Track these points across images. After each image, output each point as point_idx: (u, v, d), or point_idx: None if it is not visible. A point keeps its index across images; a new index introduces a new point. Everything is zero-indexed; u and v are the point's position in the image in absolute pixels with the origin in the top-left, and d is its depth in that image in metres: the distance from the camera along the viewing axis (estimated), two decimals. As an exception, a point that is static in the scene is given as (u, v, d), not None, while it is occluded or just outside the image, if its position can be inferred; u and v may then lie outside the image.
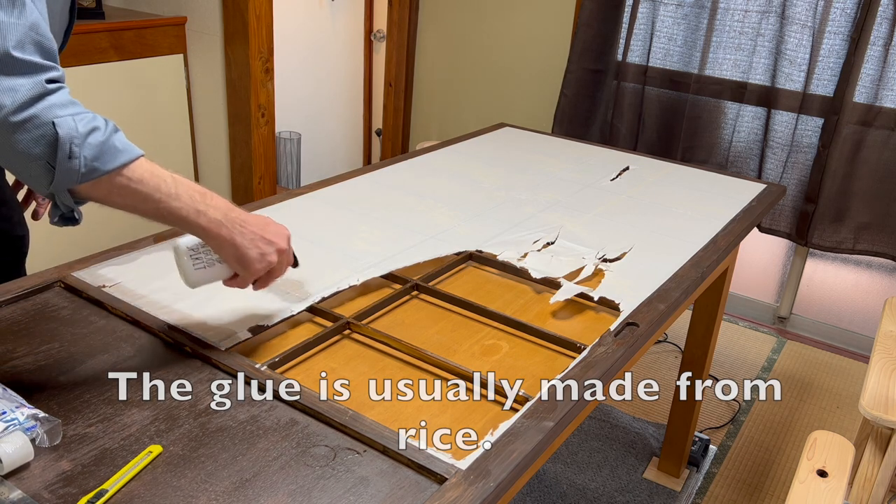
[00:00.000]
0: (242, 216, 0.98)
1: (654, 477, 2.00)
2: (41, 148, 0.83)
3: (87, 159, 0.85)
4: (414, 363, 1.03)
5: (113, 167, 0.87)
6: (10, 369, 0.94)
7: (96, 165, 0.86)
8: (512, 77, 3.11)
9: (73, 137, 0.83)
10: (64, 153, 0.83)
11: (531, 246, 1.39)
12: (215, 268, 1.01)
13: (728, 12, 2.55)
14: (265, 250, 0.99)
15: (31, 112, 0.82)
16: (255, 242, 0.98)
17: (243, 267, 0.99)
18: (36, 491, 0.76)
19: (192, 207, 0.93)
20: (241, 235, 0.97)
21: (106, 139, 0.87)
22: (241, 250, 0.97)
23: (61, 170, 0.84)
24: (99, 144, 0.86)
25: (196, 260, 1.00)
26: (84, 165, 0.85)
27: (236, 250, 0.97)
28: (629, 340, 1.09)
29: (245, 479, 0.80)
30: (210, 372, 0.97)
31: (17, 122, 0.81)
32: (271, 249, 1.00)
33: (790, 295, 2.83)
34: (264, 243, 0.99)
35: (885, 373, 1.63)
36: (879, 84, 2.37)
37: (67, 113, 0.84)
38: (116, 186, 0.88)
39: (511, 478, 0.83)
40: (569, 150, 1.99)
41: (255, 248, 0.98)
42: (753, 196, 1.72)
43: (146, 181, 0.89)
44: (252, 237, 0.98)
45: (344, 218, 1.45)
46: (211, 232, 0.95)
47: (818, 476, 1.10)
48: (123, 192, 0.89)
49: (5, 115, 0.81)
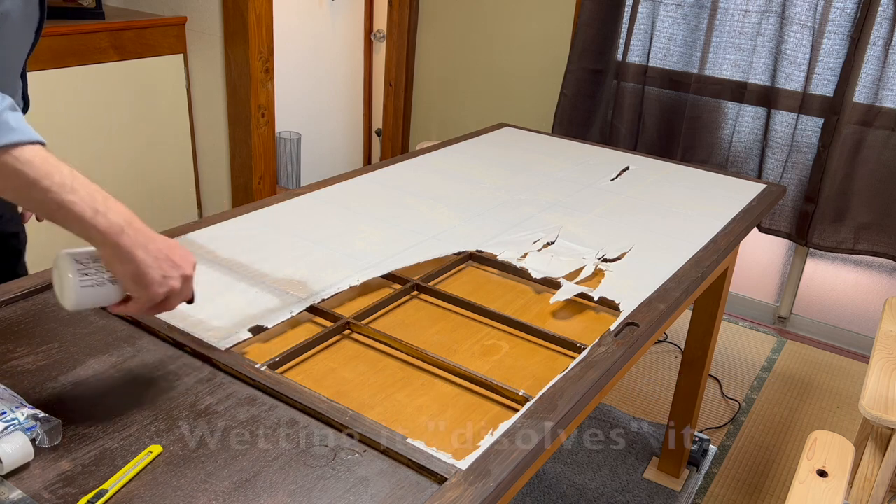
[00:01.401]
0: (147, 230, 0.86)
1: (654, 477, 2.00)
2: None
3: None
4: (414, 363, 1.03)
5: (4, 143, 0.77)
6: (10, 369, 0.94)
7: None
8: (512, 77, 3.11)
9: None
10: None
11: (531, 246, 1.39)
12: (105, 287, 0.86)
13: (728, 12, 2.55)
14: (169, 273, 0.86)
15: None
16: (159, 262, 0.85)
17: (141, 287, 0.85)
18: (36, 491, 0.76)
19: (90, 205, 0.81)
20: (143, 249, 0.84)
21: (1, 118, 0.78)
22: (142, 267, 0.84)
23: None
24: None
25: (84, 275, 0.84)
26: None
27: (136, 266, 0.83)
28: (629, 340, 1.09)
29: (245, 479, 0.80)
30: (210, 372, 0.97)
31: None
32: (176, 274, 0.87)
33: (790, 295, 2.83)
34: (169, 265, 0.86)
35: (885, 373, 1.63)
36: (879, 84, 2.37)
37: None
38: (5, 169, 0.78)
39: (511, 478, 0.83)
40: (569, 150, 1.99)
41: (159, 268, 0.85)
42: (753, 196, 1.72)
43: (36, 165, 0.79)
44: (157, 255, 0.85)
45: (344, 218, 1.45)
46: (109, 238, 0.82)
47: (818, 476, 1.10)
48: (7, 174, 0.78)
49: None
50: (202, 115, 3.03)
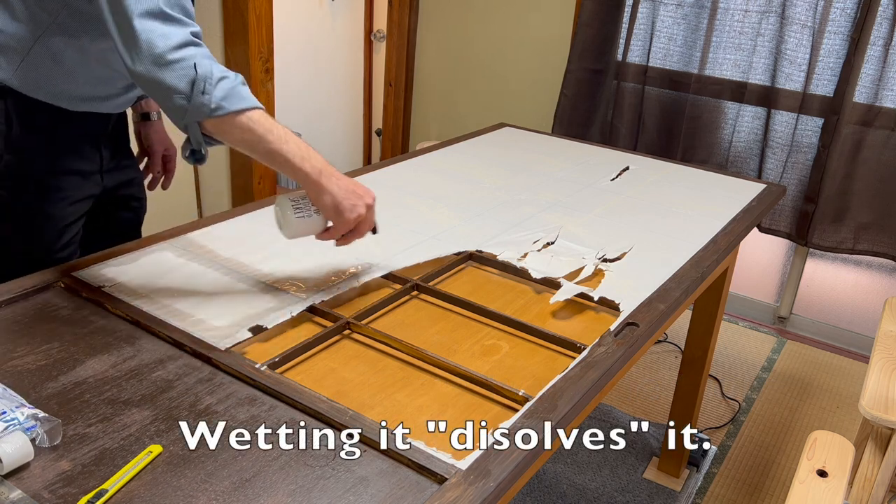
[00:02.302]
0: (337, 173, 1.12)
1: (654, 477, 2.00)
2: (183, 84, 1.02)
3: (217, 98, 1.03)
4: (414, 363, 1.03)
5: (236, 108, 1.04)
6: (10, 369, 0.94)
7: (223, 104, 1.03)
8: (512, 77, 3.11)
9: (207, 78, 1.02)
10: (199, 89, 1.02)
11: (531, 246, 1.39)
12: (312, 219, 1.12)
13: (728, 12, 2.55)
14: (356, 202, 1.12)
15: (179, 55, 1.02)
16: (348, 194, 1.11)
17: (337, 214, 1.11)
18: (36, 491, 0.76)
19: (299, 154, 1.08)
20: (336, 186, 1.10)
21: (233, 86, 1.05)
22: (337, 199, 1.10)
23: (195, 103, 1.03)
24: (228, 88, 1.04)
25: (297, 209, 1.12)
26: (214, 102, 1.03)
27: (333, 198, 1.10)
28: (629, 340, 1.09)
29: (245, 478, 0.80)
30: (210, 372, 0.97)
31: (167, 60, 1.02)
32: (361, 203, 1.12)
33: (790, 295, 2.83)
34: (356, 196, 1.12)
35: (885, 373, 1.63)
36: (879, 84, 2.37)
37: (207, 61, 1.03)
38: (238, 125, 1.05)
39: (511, 478, 0.83)
40: (569, 150, 1.99)
41: (349, 199, 1.11)
42: (753, 196, 1.72)
43: (262, 124, 1.06)
44: (346, 190, 1.11)
45: (344, 218, 1.45)
46: (311, 177, 1.09)
47: (818, 476, 1.10)
48: (244, 130, 1.05)
49: (159, 54, 1.02)
50: (202, 115, 3.02)
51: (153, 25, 1.02)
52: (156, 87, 1.04)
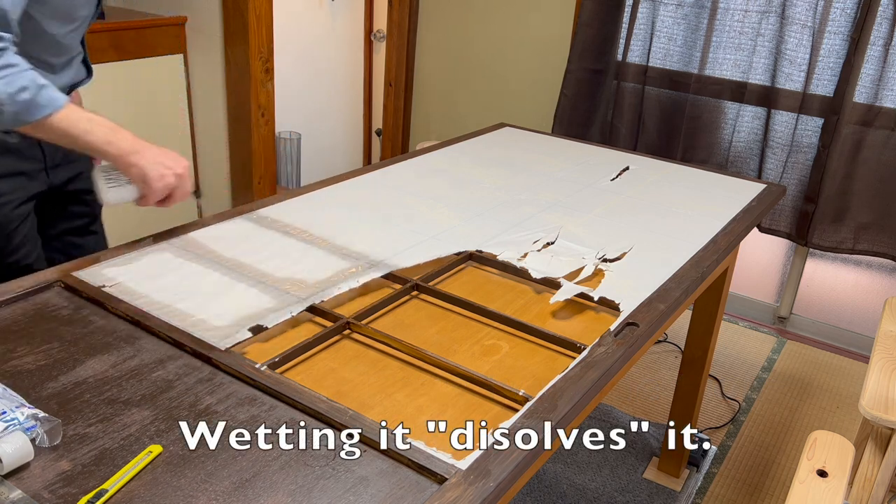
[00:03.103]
0: (146, 146, 1.20)
1: (654, 477, 2.00)
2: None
3: (14, 114, 1.08)
4: (414, 363, 1.03)
5: (35, 119, 1.10)
6: (10, 369, 0.94)
7: (22, 118, 1.09)
8: (512, 77, 3.11)
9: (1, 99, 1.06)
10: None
11: (531, 246, 1.39)
12: (125, 188, 1.23)
13: (728, 12, 2.55)
14: (164, 172, 1.20)
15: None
16: (155, 165, 1.19)
17: (146, 184, 1.19)
18: (36, 491, 0.76)
19: (104, 139, 1.16)
20: (143, 159, 1.19)
21: (32, 98, 1.09)
22: (144, 170, 1.18)
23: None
24: (24, 102, 1.08)
25: (109, 180, 1.23)
26: (12, 117, 1.08)
27: (140, 170, 1.18)
28: (629, 340, 1.09)
29: (245, 479, 0.80)
30: (210, 372, 0.97)
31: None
32: (170, 172, 1.20)
33: (790, 295, 2.83)
34: (163, 167, 1.20)
35: (885, 373, 1.63)
36: (879, 84, 2.37)
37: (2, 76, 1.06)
38: (40, 128, 1.12)
39: (511, 478, 0.83)
40: (569, 150, 1.99)
41: (156, 169, 1.19)
42: (753, 196, 1.72)
43: (63, 125, 1.13)
44: (154, 161, 1.19)
45: (344, 218, 1.45)
46: (120, 158, 1.18)
47: (818, 476, 1.10)
48: (47, 132, 1.13)
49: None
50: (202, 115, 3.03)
51: None
52: None
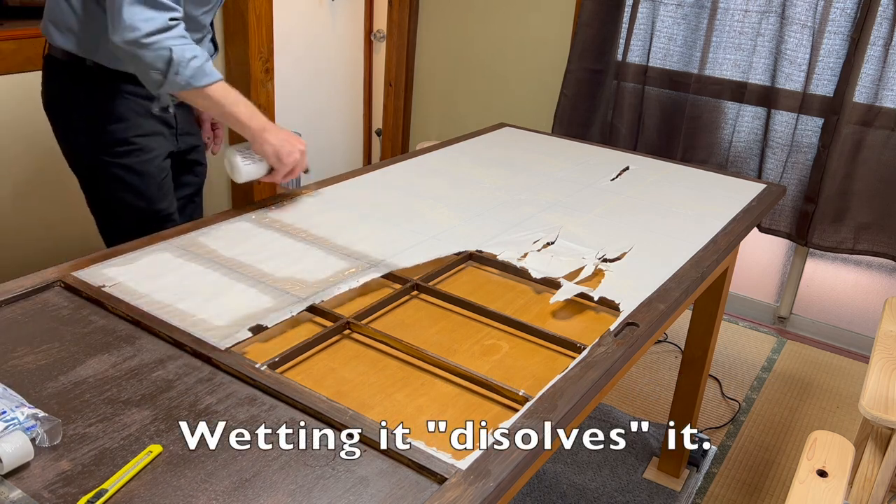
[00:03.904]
0: (275, 126, 1.41)
1: (654, 477, 2.00)
2: (160, 63, 1.28)
3: (186, 77, 1.30)
4: (414, 363, 1.03)
5: (201, 84, 1.32)
6: (10, 369, 0.94)
7: (191, 82, 1.31)
8: (512, 77, 3.11)
9: (181, 60, 1.28)
10: (173, 70, 1.28)
11: (531, 246, 1.39)
12: (256, 164, 1.43)
13: (728, 12, 2.55)
14: (292, 149, 1.42)
15: (157, 38, 1.26)
16: (285, 143, 1.41)
17: (278, 160, 1.41)
18: (36, 490, 0.76)
19: (247, 113, 1.39)
20: (276, 137, 1.41)
21: (200, 65, 1.31)
22: (276, 147, 1.40)
23: (169, 80, 1.30)
24: (196, 67, 1.30)
25: (245, 158, 1.42)
26: (184, 80, 1.30)
27: (273, 147, 1.40)
28: (629, 340, 1.09)
29: (245, 478, 0.80)
30: (210, 372, 0.97)
31: (147, 43, 1.26)
32: (296, 149, 1.43)
33: (790, 295, 2.83)
34: (290, 144, 1.42)
35: (885, 373, 1.63)
36: (879, 84, 2.37)
37: (179, 44, 1.28)
38: (201, 95, 1.34)
39: (511, 478, 0.83)
40: (569, 150, 1.99)
41: (285, 146, 1.41)
42: (753, 196, 1.72)
43: (220, 95, 1.35)
44: (284, 139, 1.41)
45: (344, 218, 1.45)
46: (256, 132, 1.39)
47: (818, 476, 1.10)
48: (204, 99, 1.35)
49: (140, 37, 1.25)
50: (202, 115, 3.02)
51: (139, 10, 1.24)
52: (134, 62, 1.29)
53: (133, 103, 1.48)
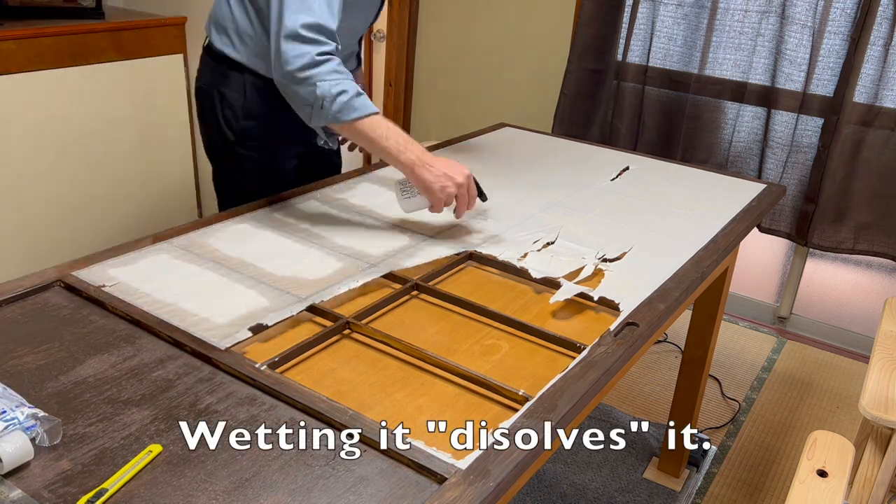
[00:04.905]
0: (431, 159, 1.34)
1: (654, 477, 2.00)
2: (310, 98, 1.30)
3: (333, 112, 1.29)
4: (414, 363, 1.03)
5: (348, 119, 1.30)
6: (10, 369, 0.94)
7: (339, 116, 1.30)
8: (512, 77, 3.11)
9: (326, 96, 1.28)
10: (318, 104, 1.30)
11: (531, 246, 1.39)
12: (416, 199, 1.38)
13: (728, 12, 2.55)
14: (446, 183, 1.33)
15: (308, 73, 1.28)
16: (438, 178, 1.33)
17: (431, 195, 1.35)
18: (36, 490, 0.76)
19: (397, 148, 1.33)
20: (428, 172, 1.33)
21: (348, 100, 1.29)
22: (427, 183, 1.33)
23: (316, 114, 1.32)
24: (343, 103, 1.29)
25: (403, 191, 1.39)
26: (331, 115, 1.30)
27: (423, 183, 1.34)
28: (629, 340, 1.09)
29: (245, 478, 0.80)
30: (210, 371, 0.97)
31: (299, 77, 1.29)
32: (451, 183, 1.33)
33: (790, 295, 2.83)
34: (446, 178, 1.33)
35: (885, 373, 1.63)
36: (879, 84, 2.37)
37: (328, 79, 1.28)
38: (348, 129, 1.33)
39: (511, 478, 0.83)
40: (569, 150, 1.99)
41: (438, 182, 1.33)
42: (753, 196, 1.72)
43: (368, 129, 1.32)
44: (437, 174, 1.33)
45: (343, 218, 1.45)
46: (406, 167, 1.34)
47: (818, 476, 1.10)
48: (354, 133, 1.33)
49: (293, 71, 1.28)
50: (202, 115, 3.02)
51: (292, 46, 1.28)
52: (289, 95, 1.34)
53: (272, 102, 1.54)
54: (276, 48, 1.29)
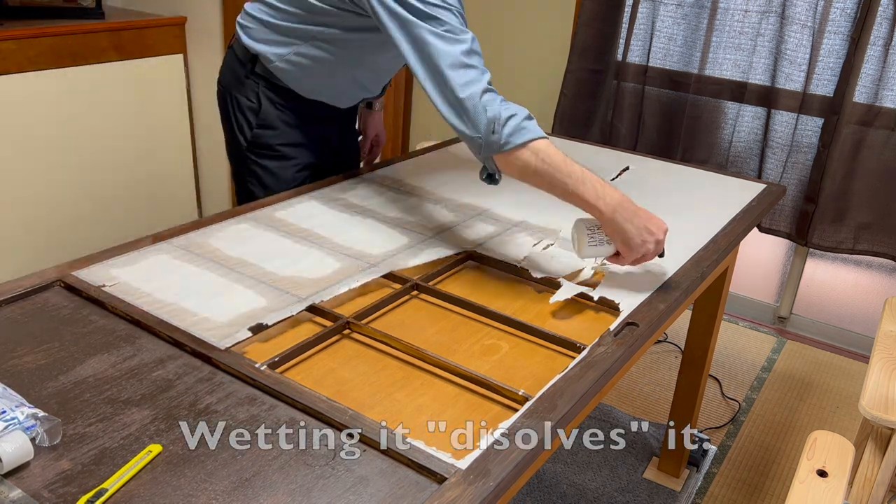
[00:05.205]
0: (633, 208, 1.20)
1: (654, 477, 2.00)
2: (480, 126, 1.19)
3: (505, 135, 1.18)
4: (414, 363, 1.03)
5: (522, 141, 1.18)
6: (10, 369, 0.94)
7: (511, 139, 1.18)
8: (512, 77, 3.11)
9: (496, 119, 1.18)
10: (489, 130, 1.18)
11: (531, 246, 1.39)
12: (603, 247, 1.23)
13: (728, 12, 2.54)
14: (647, 238, 1.20)
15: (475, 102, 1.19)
16: (640, 231, 1.19)
17: (628, 248, 1.20)
18: (36, 490, 0.76)
19: (594, 193, 1.19)
20: (630, 223, 1.19)
21: (519, 122, 1.18)
22: (628, 235, 1.19)
23: (487, 141, 1.19)
24: (514, 125, 1.18)
25: (591, 237, 1.23)
26: (503, 139, 1.18)
27: (625, 234, 1.19)
28: (629, 340, 1.09)
29: (245, 478, 0.80)
30: (210, 371, 0.97)
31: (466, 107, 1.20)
32: (652, 238, 1.20)
33: (790, 295, 2.83)
34: (647, 233, 1.20)
35: (885, 373, 1.63)
36: (879, 84, 2.37)
37: (496, 105, 1.19)
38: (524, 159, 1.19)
39: (511, 478, 0.83)
40: (569, 150, 1.98)
41: (640, 235, 1.19)
42: (753, 196, 1.72)
43: (551, 157, 1.19)
44: (639, 226, 1.20)
45: (344, 218, 1.45)
46: (606, 216, 1.19)
47: (818, 476, 1.10)
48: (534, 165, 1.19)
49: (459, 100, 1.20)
50: (202, 115, 3.03)
51: (457, 74, 1.20)
52: (456, 126, 1.23)
53: (285, 115, 1.58)
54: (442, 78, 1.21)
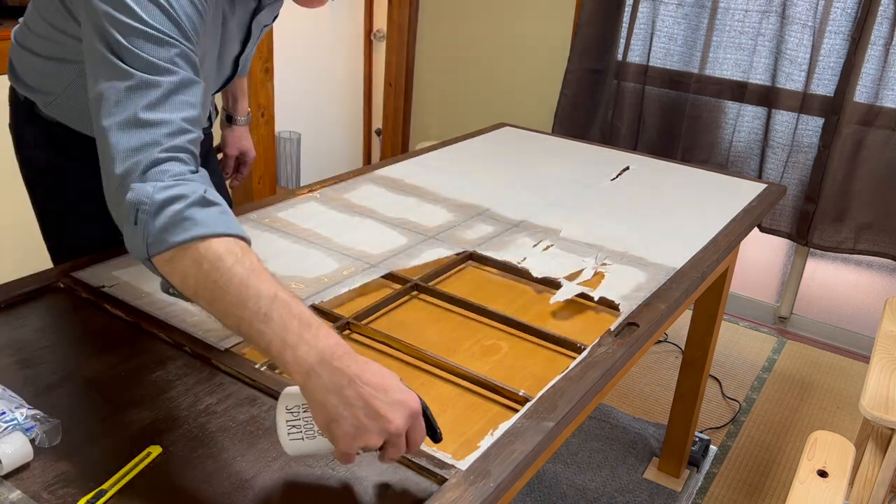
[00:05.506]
0: (351, 368, 0.69)
1: (654, 477, 2.00)
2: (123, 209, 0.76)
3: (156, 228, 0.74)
4: (414, 363, 1.03)
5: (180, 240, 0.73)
6: (10, 370, 0.94)
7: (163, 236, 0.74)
8: (512, 77, 3.11)
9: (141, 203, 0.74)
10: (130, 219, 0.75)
11: (531, 246, 1.38)
12: (315, 441, 0.74)
13: (728, 12, 2.54)
14: (366, 425, 0.69)
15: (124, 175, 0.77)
16: (354, 410, 0.69)
17: (331, 437, 0.71)
18: (35, 491, 0.76)
19: (280, 339, 0.71)
20: (335, 394, 0.69)
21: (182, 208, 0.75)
22: (332, 413, 0.69)
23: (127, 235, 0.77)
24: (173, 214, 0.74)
25: (292, 426, 0.74)
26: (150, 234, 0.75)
27: (325, 412, 0.69)
28: (629, 340, 1.09)
29: (245, 478, 0.80)
30: (210, 372, 0.97)
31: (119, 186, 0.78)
32: (375, 426, 0.69)
33: (790, 295, 2.83)
34: (367, 415, 0.69)
35: (886, 373, 1.63)
36: (880, 84, 2.36)
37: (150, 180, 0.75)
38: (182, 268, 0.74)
39: (511, 478, 0.82)
40: (569, 150, 1.99)
41: (353, 417, 0.69)
42: (754, 196, 1.72)
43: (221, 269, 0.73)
44: (354, 401, 0.69)
45: (343, 218, 1.45)
46: (296, 377, 0.71)
47: (818, 476, 1.10)
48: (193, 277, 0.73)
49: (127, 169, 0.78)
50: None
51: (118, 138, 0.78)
52: None
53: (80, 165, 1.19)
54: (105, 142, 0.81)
